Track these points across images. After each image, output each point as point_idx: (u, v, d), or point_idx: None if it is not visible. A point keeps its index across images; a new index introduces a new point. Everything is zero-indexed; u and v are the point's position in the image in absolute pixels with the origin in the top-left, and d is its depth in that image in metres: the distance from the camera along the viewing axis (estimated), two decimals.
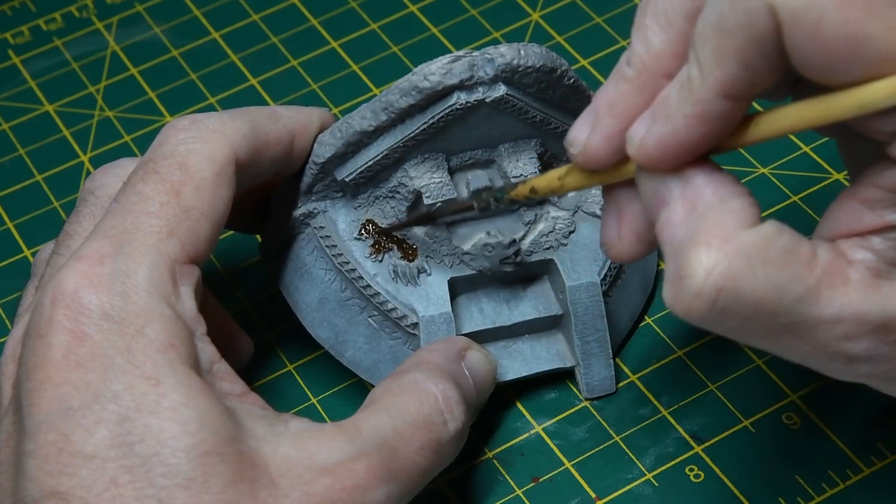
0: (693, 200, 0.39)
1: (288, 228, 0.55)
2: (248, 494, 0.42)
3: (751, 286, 0.37)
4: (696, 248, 0.38)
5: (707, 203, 0.39)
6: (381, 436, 0.45)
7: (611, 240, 0.44)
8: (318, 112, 0.53)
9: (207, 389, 0.43)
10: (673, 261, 0.39)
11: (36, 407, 0.43)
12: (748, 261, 0.37)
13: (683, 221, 0.39)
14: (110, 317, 0.43)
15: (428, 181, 0.53)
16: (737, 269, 0.37)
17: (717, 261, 0.37)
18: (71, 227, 0.50)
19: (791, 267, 0.38)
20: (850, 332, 0.38)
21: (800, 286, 0.38)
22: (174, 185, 0.47)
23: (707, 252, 0.38)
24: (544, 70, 0.51)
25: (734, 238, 0.38)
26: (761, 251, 0.38)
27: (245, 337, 0.55)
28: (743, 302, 0.38)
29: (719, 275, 0.37)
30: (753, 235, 0.38)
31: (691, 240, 0.38)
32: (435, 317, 0.53)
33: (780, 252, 0.38)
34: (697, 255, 0.38)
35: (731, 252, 0.38)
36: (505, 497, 0.53)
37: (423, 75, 0.50)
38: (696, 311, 0.38)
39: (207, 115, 0.49)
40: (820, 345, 0.39)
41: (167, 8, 0.72)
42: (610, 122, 0.42)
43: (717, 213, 0.38)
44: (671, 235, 0.39)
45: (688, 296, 0.38)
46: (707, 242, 0.38)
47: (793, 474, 0.53)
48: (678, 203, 0.39)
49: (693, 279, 0.38)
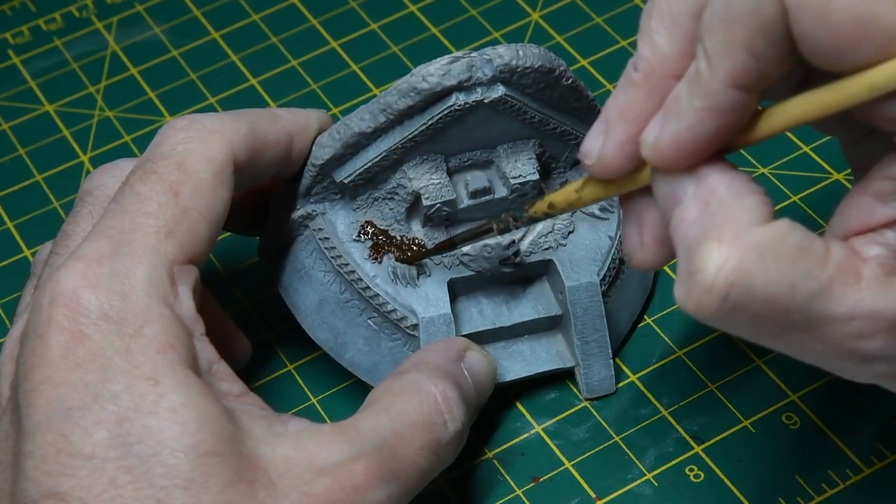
0: (706, 198, 0.39)
1: (286, 230, 0.55)
2: (247, 495, 0.42)
3: (762, 282, 0.37)
4: (708, 244, 0.38)
5: (720, 200, 0.39)
6: (380, 436, 0.45)
7: (633, 249, 0.44)
8: (316, 114, 0.53)
9: (206, 390, 0.43)
10: (685, 258, 0.38)
11: (34, 407, 0.43)
12: (760, 257, 0.37)
13: (697, 219, 0.39)
14: (109, 317, 0.43)
15: (427, 182, 0.53)
16: (748, 265, 0.37)
17: (729, 256, 0.37)
18: (69, 227, 0.50)
19: (804, 264, 0.38)
20: (864, 330, 0.38)
21: (812, 283, 0.38)
22: (172, 186, 0.47)
23: (718, 248, 0.37)
24: (542, 71, 0.51)
25: (746, 234, 0.38)
26: (773, 247, 0.37)
27: (243, 338, 0.55)
28: (754, 298, 0.37)
29: (730, 270, 0.37)
30: (766, 232, 0.38)
31: (703, 236, 0.38)
32: (434, 318, 0.53)
33: (792, 248, 0.38)
34: (709, 251, 0.38)
35: (743, 248, 0.37)
36: (505, 497, 0.53)
37: (422, 76, 0.50)
38: (706, 308, 0.38)
39: (206, 116, 0.49)
40: (833, 343, 0.38)
41: (167, 8, 0.72)
42: (622, 129, 0.42)
43: (729, 210, 0.38)
44: (684, 233, 0.39)
45: (698, 292, 0.38)
46: (719, 238, 0.38)
47: (793, 474, 0.53)
48: (692, 201, 0.39)
49: (704, 274, 0.37)
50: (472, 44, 0.69)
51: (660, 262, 0.43)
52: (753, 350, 0.56)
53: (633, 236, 0.43)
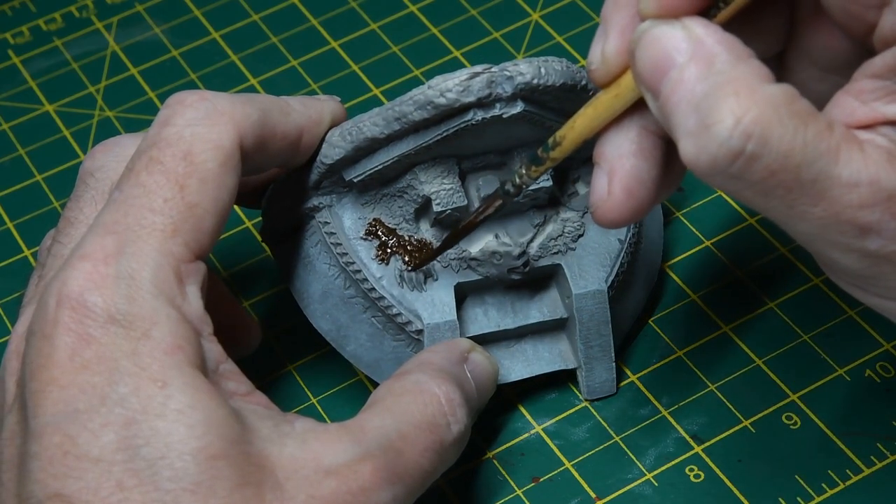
0: (709, 58, 0.39)
1: (292, 218, 0.54)
2: (254, 498, 0.42)
3: (779, 135, 0.38)
4: (725, 97, 0.38)
5: (725, 60, 0.39)
6: (385, 437, 0.45)
7: (600, 198, 0.44)
8: (329, 107, 0.52)
9: (214, 391, 0.43)
10: (694, 115, 0.39)
11: (41, 408, 0.42)
12: (777, 111, 0.38)
13: (702, 77, 0.39)
14: (116, 320, 0.43)
15: (438, 187, 0.52)
16: (767, 117, 0.38)
17: (748, 108, 0.38)
18: (72, 213, 0.49)
19: (814, 124, 0.38)
20: (865, 199, 0.39)
21: (822, 143, 0.38)
22: (178, 179, 0.46)
23: (737, 100, 0.38)
24: (565, 88, 0.50)
25: (761, 89, 0.38)
26: (788, 104, 0.38)
27: (253, 322, 0.55)
28: (770, 151, 0.38)
29: (751, 121, 0.38)
30: (778, 89, 0.38)
31: (717, 91, 0.38)
32: (440, 324, 0.53)
33: (803, 109, 0.38)
34: (727, 103, 0.38)
35: (761, 101, 0.38)
36: (505, 497, 0.53)
37: (440, 91, 0.49)
38: (721, 161, 0.38)
39: (217, 95, 0.48)
40: (835, 210, 0.39)
41: (167, 8, 0.72)
42: (620, 17, 0.42)
43: (738, 69, 0.39)
44: (688, 92, 0.39)
45: (714, 144, 0.38)
46: (736, 92, 0.38)
47: (793, 474, 0.53)
48: (691, 62, 0.39)
49: (723, 125, 0.38)
50: (472, 44, 0.69)
51: (623, 215, 0.43)
52: (753, 350, 0.56)
53: (602, 186, 0.44)
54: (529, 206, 0.54)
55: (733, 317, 0.58)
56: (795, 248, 0.59)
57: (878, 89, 0.40)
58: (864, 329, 0.57)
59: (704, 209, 0.61)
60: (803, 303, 0.58)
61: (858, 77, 0.41)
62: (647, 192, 0.43)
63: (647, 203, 0.43)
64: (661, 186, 0.44)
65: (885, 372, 0.55)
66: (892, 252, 0.40)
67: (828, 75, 0.44)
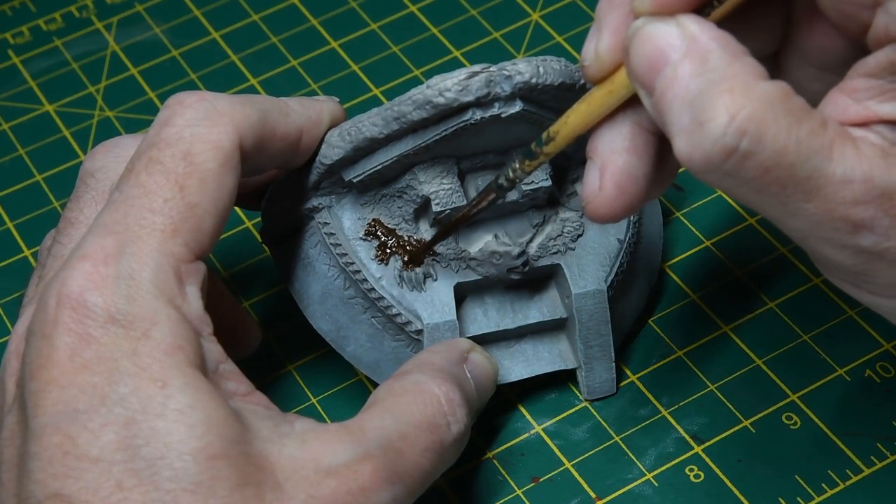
0: (703, 55, 0.39)
1: (291, 219, 0.54)
2: (254, 498, 0.42)
3: (774, 132, 0.38)
4: (720, 94, 0.38)
5: (720, 57, 0.39)
6: (385, 437, 0.45)
7: (592, 193, 0.44)
8: (328, 108, 0.52)
9: (214, 391, 0.43)
10: (688, 112, 0.39)
11: (41, 408, 0.42)
12: (771, 108, 0.38)
13: (696, 74, 0.39)
14: (116, 320, 0.43)
15: (437, 187, 0.52)
16: (761, 114, 0.38)
17: (743, 105, 0.38)
18: (72, 213, 0.49)
19: (808, 122, 0.39)
20: (859, 196, 0.39)
21: (816, 140, 0.38)
22: (178, 179, 0.46)
23: (731, 97, 0.38)
24: (563, 87, 0.50)
25: (756, 86, 0.38)
26: (782, 102, 0.38)
27: (253, 323, 0.55)
28: (765, 148, 0.38)
29: (745, 118, 0.38)
30: (772, 87, 0.39)
31: (712, 88, 0.38)
32: (440, 324, 0.53)
33: (797, 106, 0.39)
34: (721, 100, 0.38)
35: (755, 98, 0.38)
36: (505, 497, 0.53)
37: (439, 90, 0.49)
38: (715, 158, 0.38)
39: (216, 96, 0.48)
40: (829, 206, 0.39)
41: (167, 8, 0.72)
42: (614, 14, 0.43)
43: (732, 66, 0.39)
44: (683, 89, 0.39)
45: (708, 142, 0.38)
46: (730, 89, 0.38)
47: (793, 474, 0.53)
48: (685, 59, 0.39)
49: (717, 122, 0.38)
50: (472, 44, 0.69)
51: (614, 211, 0.43)
52: (753, 350, 0.56)
53: (594, 181, 0.44)
54: (529, 206, 0.54)
55: (733, 317, 0.58)
56: (795, 248, 0.59)
57: (871, 88, 0.40)
58: (863, 329, 0.57)
59: (704, 209, 0.62)
60: (803, 303, 0.58)
61: (852, 75, 0.41)
62: (638, 189, 0.43)
63: (638, 199, 0.43)
64: (652, 183, 0.44)
65: (885, 372, 0.55)
66: (884, 249, 0.40)
67: (822, 74, 0.45)
